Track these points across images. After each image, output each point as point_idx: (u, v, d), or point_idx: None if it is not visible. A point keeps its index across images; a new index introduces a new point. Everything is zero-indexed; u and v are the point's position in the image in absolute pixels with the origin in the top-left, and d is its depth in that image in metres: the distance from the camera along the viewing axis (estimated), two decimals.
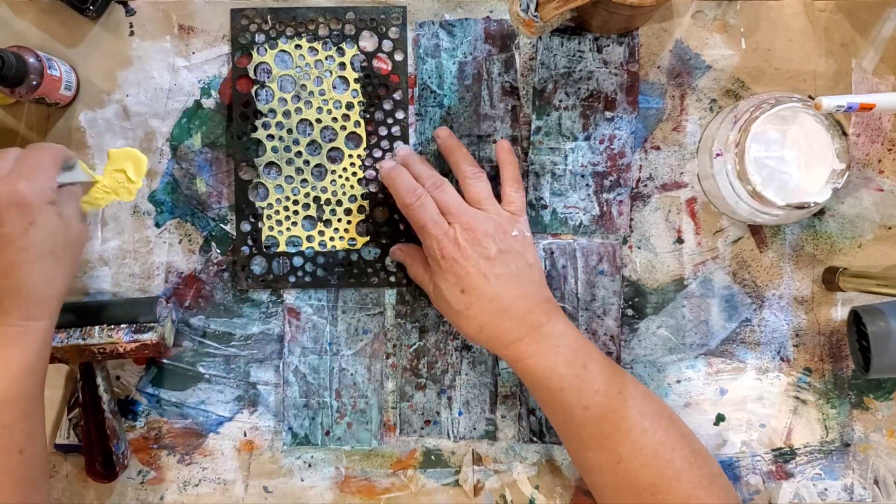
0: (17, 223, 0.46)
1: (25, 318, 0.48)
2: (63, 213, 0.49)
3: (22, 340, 0.47)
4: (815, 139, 0.54)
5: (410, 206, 0.53)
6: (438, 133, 0.58)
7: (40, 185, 0.47)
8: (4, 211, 0.46)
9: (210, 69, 0.60)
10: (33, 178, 0.47)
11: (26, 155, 0.49)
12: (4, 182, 0.46)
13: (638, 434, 0.50)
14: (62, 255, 0.49)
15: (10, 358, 0.47)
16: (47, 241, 0.47)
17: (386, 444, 0.61)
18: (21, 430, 0.47)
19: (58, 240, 0.48)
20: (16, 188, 0.46)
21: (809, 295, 0.60)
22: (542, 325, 0.52)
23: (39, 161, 0.48)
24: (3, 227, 0.46)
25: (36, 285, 0.48)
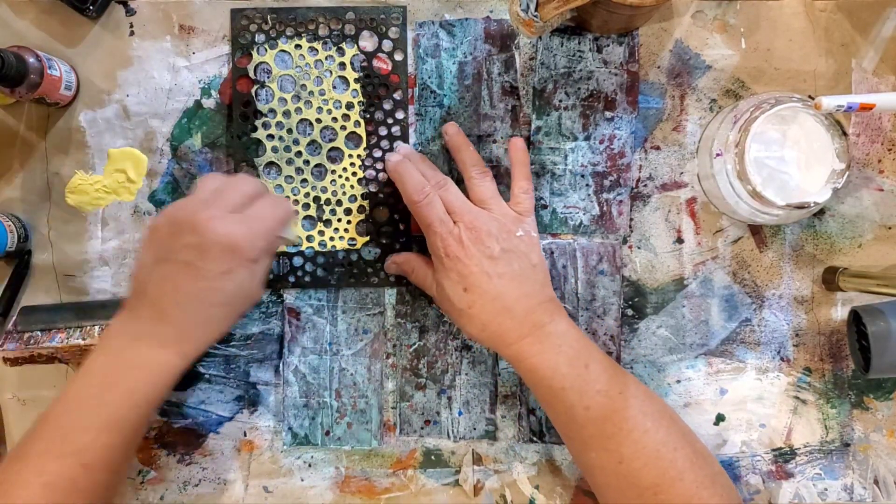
0: (218, 266, 0.46)
1: (174, 350, 0.48)
2: (256, 271, 0.49)
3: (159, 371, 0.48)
4: (815, 139, 0.54)
5: (418, 204, 0.53)
6: (447, 129, 0.58)
7: (255, 243, 0.48)
8: (214, 250, 0.46)
9: (210, 69, 0.60)
10: (253, 231, 0.48)
11: (260, 207, 0.49)
12: (229, 223, 0.47)
13: (640, 434, 0.50)
14: (233, 310, 0.50)
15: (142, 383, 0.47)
16: (231, 293, 0.48)
17: (386, 444, 0.61)
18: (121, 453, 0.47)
19: (238, 295, 0.49)
20: (234, 234, 0.46)
21: (809, 295, 0.60)
22: (544, 324, 0.52)
23: (267, 220, 0.49)
24: (204, 262, 0.46)
25: (199, 326, 0.48)
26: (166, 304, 0.47)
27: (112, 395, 0.47)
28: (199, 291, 0.47)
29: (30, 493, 0.44)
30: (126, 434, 0.47)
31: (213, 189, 0.49)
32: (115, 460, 0.47)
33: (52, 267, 0.61)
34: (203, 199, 0.49)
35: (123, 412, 0.47)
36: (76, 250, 0.61)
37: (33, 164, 0.61)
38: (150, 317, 0.48)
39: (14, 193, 0.61)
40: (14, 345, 0.57)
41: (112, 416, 0.46)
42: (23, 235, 0.59)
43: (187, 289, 0.47)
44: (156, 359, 0.48)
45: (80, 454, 0.45)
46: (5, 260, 0.60)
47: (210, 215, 0.47)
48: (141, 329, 0.48)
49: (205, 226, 0.46)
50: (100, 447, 0.46)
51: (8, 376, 0.61)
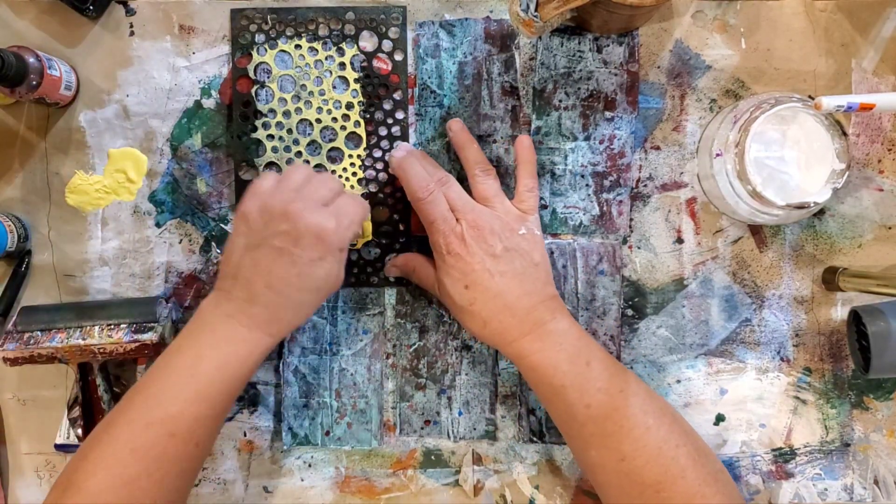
0: (310, 253, 0.49)
1: (264, 330, 0.50)
2: (342, 261, 0.51)
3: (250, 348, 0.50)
4: (815, 139, 0.54)
5: (422, 201, 0.54)
6: (451, 126, 0.58)
7: (344, 234, 0.50)
8: (308, 237, 0.49)
9: (210, 69, 0.60)
10: (342, 224, 0.50)
11: (346, 202, 0.52)
12: (321, 214, 0.49)
13: (641, 432, 0.50)
14: (321, 295, 0.52)
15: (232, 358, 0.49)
16: (320, 279, 0.50)
17: (386, 444, 0.61)
18: (206, 426, 0.49)
19: (326, 282, 0.50)
20: (326, 224, 0.49)
21: (809, 295, 0.60)
22: (545, 322, 0.52)
23: (354, 213, 0.52)
24: (297, 248, 0.49)
25: (289, 309, 0.50)
26: (259, 286, 0.49)
27: (204, 367, 0.48)
28: (291, 276, 0.49)
29: (119, 460, 0.46)
30: (214, 406, 0.49)
31: (301, 181, 0.52)
32: (202, 432, 0.49)
33: (52, 267, 0.61)
34: (294, 189, 0.51)
35: (214, 385, 0.48)
36: (76, 250, 0.61)
37: (33, 164, 0.61)
38: (242, 297, 0.49)
39: (14, 193, 0.61)
40: (14, 345, 0.57)
41: (202, 389, 0.48)
42: (23, 235, 0.59)
43: (280, 273, 0.49)
44: (247, 336, 0.49)
45: (168, 423, 0.47)
46: (5, 260, 0.60)
47: (304, 206, 0.49)
48: (234, 308, 0.49)
49: (299, 215, 0.49)
50: (188, 418, 0.47)
51: (8, 376, 0.61)
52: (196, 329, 0.50)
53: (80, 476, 0.46)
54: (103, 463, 0.46)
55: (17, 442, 0.61)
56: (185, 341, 0.50)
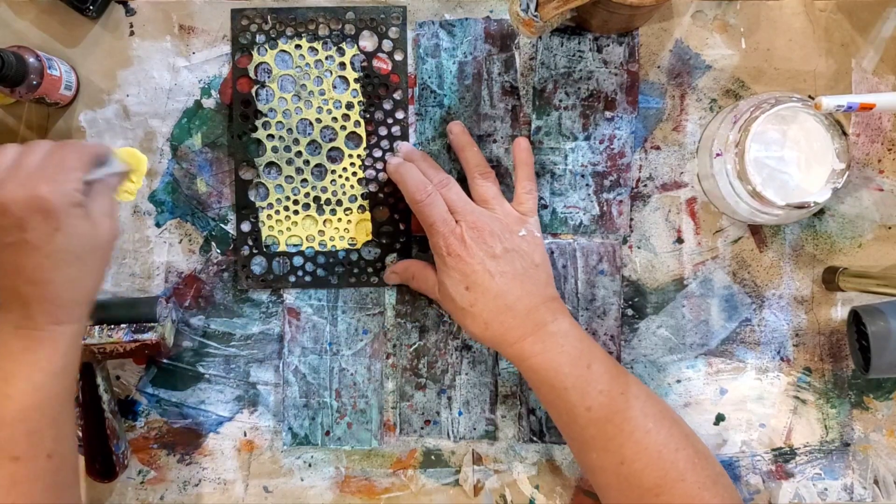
0: (42, 229, 0.44)
1: (53, 322, 0.47)
2: (92, 212, 0.47)
3: (49, 345, 0.47)
4: (815, 139, 0.54)
5: (420, 203, 0.54)
6: (451, 128, 0.58)
7: (63, 189, 0.45)
8: (28, 216, 0.44)
9: (210, 69, 0.60)
10: (56, 180, 0.45)
11: (51, 154, 0.46)
12: (26, 185, 0.44)
13: (641, 435, 0.50)
14: (90, 259, 0.47)
15: (37, 363, 0.46)
16: (74, 245, 0.46)
17: (386, 444, 0.61)
18: (50, 436, 0.47)
19: (85, 244, 0.46)
20: (38, 193, 0.44)
21: (809, 295, 0.60)
22: (546, 323, 0.52)
23: (64, 162, 0.46)
24: (26, 234, 0.44)
25: (63, 291, 0.46)
26: (21, 287, 0.45)
27: (13, 386, 0.46)
28: (39, 263, 0.45)
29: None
30: (45, 415, 0.46)
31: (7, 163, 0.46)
32: (45, 444, 0.46)
33: None
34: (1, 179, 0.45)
35: (31, 397, 0.46)
36: None
37: None
38: (16, 304, 0.46)
39: None
40: None
41: (22, 405, 0.46)
42: None
43: (29, 265, 0.45)
44: (42, 336, 0.46)
45: (4, 450, 0.45)
46: None
47: (8, 189, 0.44)
48: (14, 317, 0.46)
49: (7, 200, 0.44)
50: (22, 437, 0.45)
51: None
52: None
53: None
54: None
55: None
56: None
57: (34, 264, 0.45)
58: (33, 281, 0.45)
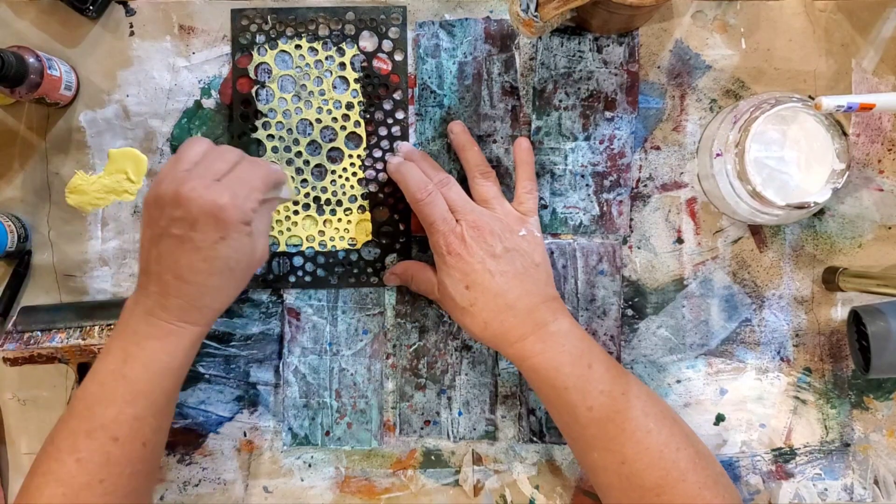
0: (210, 235, 0.46)
1: (185, 320, 0.48)
2: (254, 231, 0.49)
3: (175, 340, 0.48)
4: (815, 139, 0.54)
5: (421, 202, 0.54)
6: (452, 127, 0.58)
7: (243, 205, 0.47)
8: (202, 218, 0.46)
9: (210, 69, 0.60)
10: (238, 195, 0.47)
11: (241, 170, 0.49)
12: (210, 190, 0.46)
13: (643, 435, 0.50)
14: (238, 273, 0.49)
15: (158, 353, 0.48)
16: (231, 257, 0.48)
17: (386, 444, 0.61)
18: (150, 425, 0.48)
19: (241, 259, 0.48)
20: (219, 201, 0.46)
21: (809, 295, 0.60)
22: (547, 323, 0.52)
23: (250, 180, 0.48)
24: (194, 233, 0.46)
25: (205, 295, 0.48)
26: (168, 278, 0.48)
27: (131, 367, 0.48)
28: (195, 263, 0.47)
29: (66, 471, 0.46)
30: (152, 404, 0.48)
31: (194, 159, 0.49)
32: (146, 431, 0.48)
33: (52, 267, 0.61)
34: (186, 170, 0.48)
35: (144, 384, 0.48)
36: (76, 250, 0.61)
37: (33, 165, 0.61)
38: (157, 292, 0.48)
39: (14, 193, 0.61)
40: (14, 345, 0.57)
41: (134, 389, 0.47)
42: (23, 235, 0.59)
43: (185, 262, 0.47)
44: (171, 329, 0.48)
45: (108, 428, 0.47)
46: (5, 260, 0.60)
47: (192, 186, 0.46)
48: (151, 303, 0.48)
49: (188, 197, 0.46)
50: (126, 420, 0.47)
51: (8, 376, 0.61)
52: (120, 330, 0.49)
53: (33, 492, 0.46)
54: (52, 476, 0.46)
55: (17, 442, 0.61)
56: (112, 343, 0.49)
57: (190, 263, 0.47)
58: (182, 278, 0.47)
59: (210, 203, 0.46)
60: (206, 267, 0.47)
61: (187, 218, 0.46)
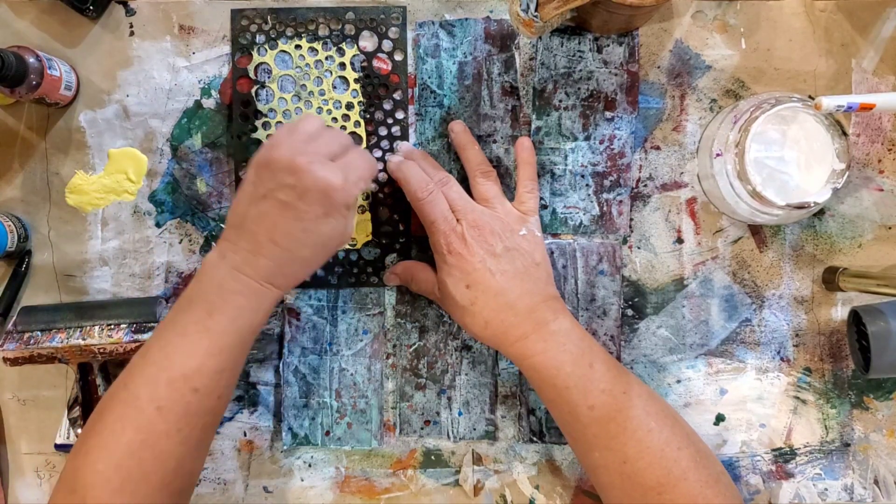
0: (315, 208, 0.48)
1: (269, 282, 0.49)
2: (349, 217, 0.50)
3: (259, 299, 0.49)
4: (815, 139, 0.54)
5: (422, 201, 0.54)
6: (453, 127, 0.59)
7: (351, 190, 0.49)
8: (313, 193, 0.47)
9: (210, 69, 0.60)
10: (349, 179, 0.49)
11: (354, 157, 0.51)
12: (328, 169, 0.48)
13: (644, 433, 0.50)
14: (328, 250, 0.51)
15: (243, 308, 0.49)
16: (325, 235, 0.49)
17: (386, 444, 0.61)
18: (227, 379, 0.49)
19: (333, 237, 0.50)
20: (334, 181, 0.48)
21: (809, 295, 0.60)
22: (548, 322, 0.52)
23: (361, 169, 0.50)
24: (302, 203, 0.47)
25: (293, 264, 0.49)
26: (263, 239, 0.48)
27: (216, 320, 0.48)
28: (295, 231, 0.48)
29: (146, 418, 0.46)
30: (231, 359, 0.49)
31: (311, 134, 0.51)
32: (223, 385, 0.49)
33: (52, 267, 0.61)
34: (303, 143, 0.49)
35: (229, 337, 0.48)
36: (76, 250, 0.61)
37: (33, 165, 0.61)
38: (248, 249, 0.49)
39: (14, 193, 0.61)
40: (14, 345, 0.57)
41: (217, 342, 0.48)
42: (23, 235, 0.59)
43: (285, 228, 0.48)
44: (256, 288, 0.49)
45: (190, 379, 0.47)
46: (5, 260, 0.60)
47: (310, 159, 0.48)
48: (239, 260, 0.49)
49: (305, 169, 0.47)
50: (209, 372, 0.47)
51: (8, 376, 0.61)
52: (204, 282, 0.49)
53: (107, 437, 0.46)
54: (130, 422, 0.46)
55: (17, 442, 0.61)
56: (195, 294, 0.49)
57: (289, 229, 0.48)
58: (277, 242, 0.48)
59: (324, 179, 0.47)
60: (303, 238, 0.48)
61: (298, 187, 0.47)
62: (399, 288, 0.61)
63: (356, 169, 0.50)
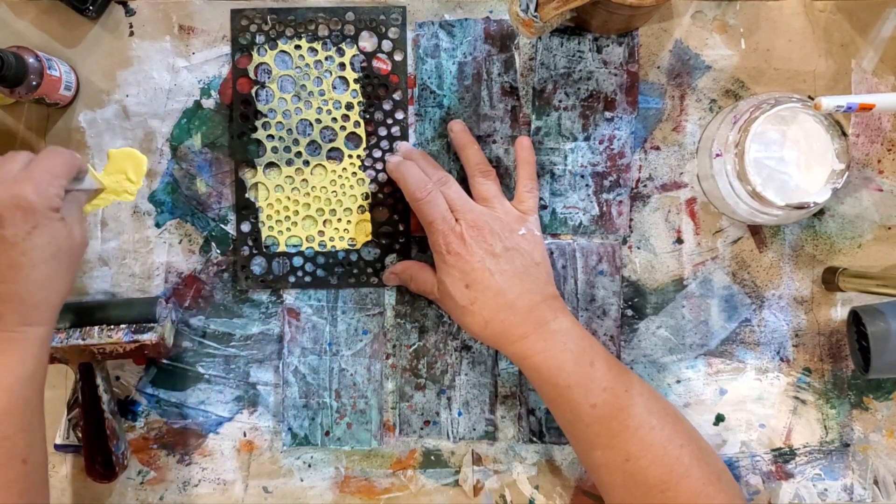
0: (20, 227, 0.45)
1: (23, 323, 0.47)
2: (67, 218, 0.48)
3: (20, 347, 0.47)
4: (815, 139, 0.54)
5: (421, 201, 0.54)
6: (452, 126, 0.59)
7: (47, 192, 0.46)
8: (8, 213, 0.45)
9: (210, 69, 0.60)
10: (40, 183, 0.46)
11: (39, 160, 0.48)
12: (12, 185, 0.45)
13: (646, 432, 0.50)
14: (63, 261, 0.48)
15: (7, 366, 0.46)
16: (49, 245, 0.46)
17: (385, 444, 0.61)
18: (23, 440, 0.47)
19: (60, 245, 0.47)
20: (21, 192, 0.45)
21: (809, 295, 0.60)
22: (548, 321, 0.52)
23: (50, 168, 0.47)
24: (4, 230, 0.45)
25: (36, 290, 0.47)
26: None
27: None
28: (13, 260, 0.45)
29: None
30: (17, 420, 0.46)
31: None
32: (19, 449, 0.46)
33: None
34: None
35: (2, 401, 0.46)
36: None
37: None
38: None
39: None
40: None
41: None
42: None
43: (4, 261, 0.45)
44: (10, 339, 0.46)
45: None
46: None
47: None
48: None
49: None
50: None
51: None
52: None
53: None
54: None
55: None
56: None
57: (9, 261, 0.45)
58: (6, 278, 0.46)
59: (12, 196, 0.45)
60: (27, 260, 0.46)
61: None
62: (399, 288, 0.61)
63: (45, 171, 0.47)
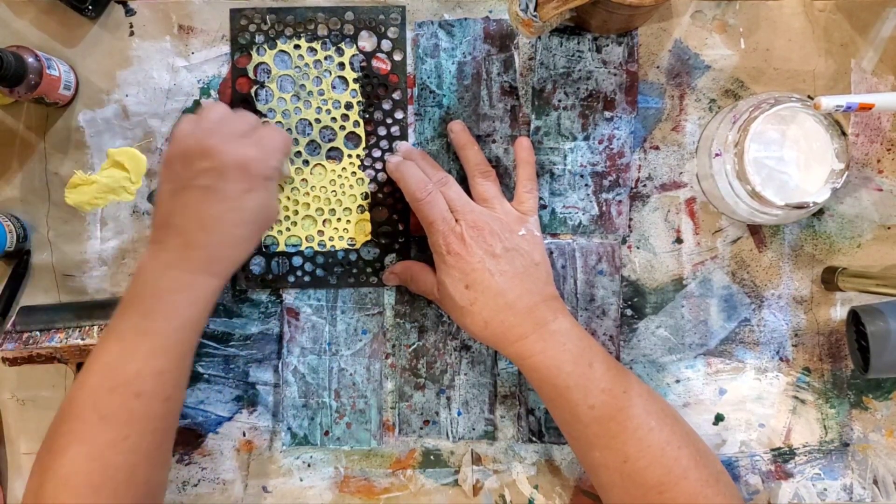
0: (238, 185, 0.48)
1: (206, 272, 0.49)
2: (271, 190, 0.51)
3: (195, 292, 0.49)
4: (815, 139, 0.54)
5: (421, 202, 0.54)
6: (452, 126, 0.59)
7: (267, 162, 0.50)
8: (232, 170, 0.48)
9: (209, 69, 0.60)
10: (265, 151, 0.50)
11: (265, 132, 0.52)
12: (241, 145, 0.49)
13: (644, 432, 0.50)
14: (259, 227, 0.52)
15: (179, 306, 0.48)
16: (254, 210, 0.50)
17: (385, 444, 0.61)
18: (172, 379, 0.48)
19: (260, 213, 0.50)
20: (248, 154, 0.49)
21: (808, 295, 0.60)
22: (547, 322, 0.52)
23: (274, 142, 0.52)
24: (224, 183, 0.48)
25: (228, 246, 0.50)
26: (192, 229, 0.48)
27: (152, 322, 0.48)
28: (222, 213, 0.49)
29: (89, 430, 0.46)
30: (174, 359, 0.48)
31: (217, 118, 0.51)
32: (168, 386, 0.48)
33: (52, 267, 0.61)
34: (209, 128, 0.50)
35: (167, 337, 0.48)
36: (75, 250, 0.61)
37: (32, 164, 0.61)
38: (178, 244, 0.49)
39: (13, 193, 0.61)
40: (13, 345, 0.57)
41: (155, 343, 0.48)
42: (22, 235, 0.59)
43: (211, 212, 0.48)
44: (191, 281, 0.49)
45: (131, 384, 0.47)
46: (5, 260, 0.60)
47: (222, 139, 0.49)
48: (172, 257, 0.49)
49: (219, 150, 0.48)
50: (149, 375, 0.47)
51: (7, 376, 0.61)
52: (138, 286, 0.49)
53: (55, 455, 0.46)
54: (74, 436, 0.46)
55: (17, 442, 0.61)
56: (130, 299, 0.49)
57: (217, 213, 0.48)
58: (207, 228, 0.48)
59: (239, 155, 0.48)
60: (233, 217, 0.49)
61: (217, 168, 0.48)
62: (398, 288, 0.61)
63: (270, 141, 0.51)
